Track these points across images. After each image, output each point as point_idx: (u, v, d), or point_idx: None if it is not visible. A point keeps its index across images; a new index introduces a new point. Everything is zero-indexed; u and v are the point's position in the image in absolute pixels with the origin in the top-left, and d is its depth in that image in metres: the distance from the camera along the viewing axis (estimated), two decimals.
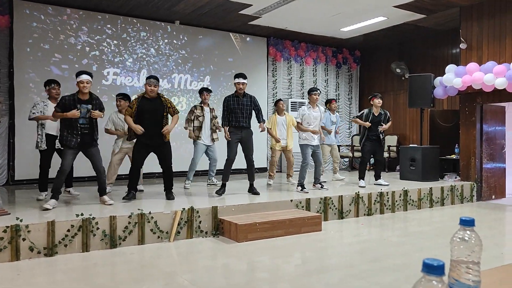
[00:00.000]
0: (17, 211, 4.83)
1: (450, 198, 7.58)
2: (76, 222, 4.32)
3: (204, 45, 9.49)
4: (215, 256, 4.45)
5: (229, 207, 5.27)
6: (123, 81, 8.57)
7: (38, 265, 3.95)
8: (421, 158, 8.11)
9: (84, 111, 5.11)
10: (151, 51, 8.87)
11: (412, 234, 5.55)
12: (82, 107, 5.09)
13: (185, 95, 9.23)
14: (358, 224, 5.95)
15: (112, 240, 4.47)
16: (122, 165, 6.47)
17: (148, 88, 5.61)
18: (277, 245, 4.70)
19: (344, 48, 11.44)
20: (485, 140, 8.07)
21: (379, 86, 11.40)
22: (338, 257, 4.46)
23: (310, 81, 10.96)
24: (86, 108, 5.12)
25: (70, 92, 6.88)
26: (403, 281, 3.54)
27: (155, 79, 5.67)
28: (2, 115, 7.20)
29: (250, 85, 9.83)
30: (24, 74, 7.57)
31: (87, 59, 8.20)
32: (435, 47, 10.02)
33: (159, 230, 4.75)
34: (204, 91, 7.18)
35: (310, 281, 3.62)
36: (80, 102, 5.11)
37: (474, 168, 8.03)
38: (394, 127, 10.93)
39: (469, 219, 0.95)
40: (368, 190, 6.76)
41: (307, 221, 5.30)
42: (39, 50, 7.75)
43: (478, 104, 7.98)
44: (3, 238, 3.97)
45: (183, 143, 8.82)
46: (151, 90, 5.60)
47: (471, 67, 7.42)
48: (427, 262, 0.69)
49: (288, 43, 10.53)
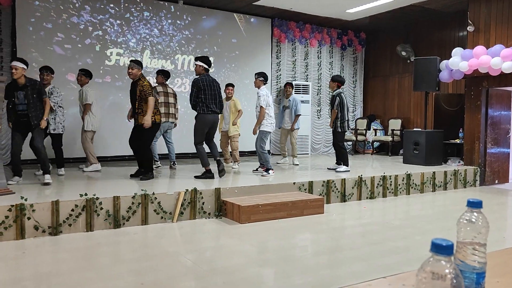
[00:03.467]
0: (22, 190, 4.86)
1: (453, 183, 7.58)
2: (80, 202, 4.35)
3: (207, 26, 9.39)
4: (217, 237, 4.49)
5: (232, 189, 5.29)
6: (126, 61, 8.51)
7: (43, 243, 3.99)
8: (425, 142, 8.08)
9: (21, 98, 5.27)
10: (154, 31, 8.78)
11: (414, 217, 5.57)
12: (19, 94, 5.27)
13: (189, 76, 9.17)
14: (360, 207, 5.97)
15: (115, 220, 4.50)
16: None
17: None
18: (279, 227, 4.73)
19: (350, 30, 11.30)
20: (490, 124, 8.02)
21: (384, 68, 11.30)
22: (340, 239, 4.49)
23: (315, 63, 10.86)
24: (22, 94, 5.27)
25: (75, 73, 6.89)
26: (405, 263, 3.56)
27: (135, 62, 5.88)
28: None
29: (253, 67, 9.79)
30: (27, 53, 7.52)
31: (90, 39, 8.13)
32: (441, 29, 9.88)
33: (163, 211, 4.78)
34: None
35: (311, 262, 3.65)
36: (17, 89, 5.26)
37: (478, 152, 8.00)
38: (398, 110, 10.88)
39: (477, 200, 0.94)
40: (371, 173, 6.76)
41: (309, 203, 5.32)
42: (41, 29, 7.68)
43: (484, 88, 7.90)
44: (8, 217, 4.01)
45: (185, 125, 8.82)
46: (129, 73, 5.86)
47: (478, 51, 7.32)
48: (436, 242, 0.68)
49: (292, 25, 10.40)
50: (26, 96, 5.26)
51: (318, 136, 10.94)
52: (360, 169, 7.52)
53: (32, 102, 5.28)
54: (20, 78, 5.20)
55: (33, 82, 5.35)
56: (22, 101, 5.25)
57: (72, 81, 7.78)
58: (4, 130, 7.38)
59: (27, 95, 5.26)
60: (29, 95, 5.26)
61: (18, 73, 5.17)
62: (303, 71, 10.71)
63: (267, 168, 6.53)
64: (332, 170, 7.12)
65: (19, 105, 5.28)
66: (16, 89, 5.25)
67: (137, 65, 5.81)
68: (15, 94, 5.25)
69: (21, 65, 5.20)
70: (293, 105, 8.03)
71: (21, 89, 5.25)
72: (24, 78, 5.25)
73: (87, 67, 8.04)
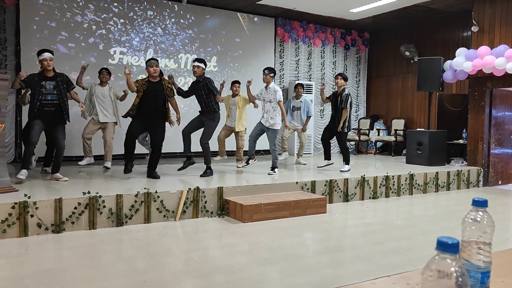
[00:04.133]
0: (25, 188, 4.88)
1: (456, 183, 7.56)
2: (83, 200, 4.36)
3: (211, 25, 9.39)
4: (220, 235, 4.49)
5: (235, 188, 5.29)
6: (130, 60, 8.53)
7: (46, 241, 4.00)
8: (428, 142, 8.06)
9: (50, 88, 5.35)
10: (158, 31, 8.79)
11: (417, 217, 5.56)
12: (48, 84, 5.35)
13: (191, 76, 9.15)
14: (363, 207, 5.96)
15: (118, 218, 4.51)
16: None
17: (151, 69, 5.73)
18: (281, 226, 4.73)
19: (353, 30, 11.27)
20: (493, 125, 7.99)
21: (388, 68, 11.27)
22: (342, 238, 4.49)
23: (318, 63, 10.85)
24: (51, 84, 5.35)
25: (77, 71, 6.95)
26: (407, 263, 3.55)
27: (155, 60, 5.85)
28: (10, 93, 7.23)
29: (256, 66, 9.78)
30: (30, 51, 7.54)
31: (93, 37, 8.15)
32: (445, 29, 9.85)
33: (165, 209, 4.78)
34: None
35: (314, 262, 3.64)
36: (46, 79, 5.35)
37: (482, 153, 7.97)
38: (402, 110, 10.85)
39: (482, 200, 0.93)
40: (373, 173, 6.74)
41: (312, 203, 5.31)
42: (45, 28, 7.70)
43: (488, 89, 7.87)
44: (12, 214, 4.02)
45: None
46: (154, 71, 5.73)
47: (482, 51, 7.29)
48: (442, 240, 0.68)
49: (296, 24, 10.39)
50: (57, 87, 5.37)
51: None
52: (363, 169, 7.51)
53: (64, 93, 5.44)
54: (51, 69, 5.37)
55: (61, 74, 5.54)
56: (50, 91, 5.34)
57: (75, 79, 7.78)
58: (8, 128, 7.41)
59: (57, 86, 5.38)
60: (59, 86, 5.40)
61: (52, 64, 5.36)
62: (306, 71, 10.69)
63: (274, 166, 6.56)
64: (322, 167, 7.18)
65: (47, 94, 5.34)
66: (45, 79, 5.34)
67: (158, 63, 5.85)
68: (43, 84, 5.31)
69: (53, 56, 5.41)
70: (305, 107, 8.07)
71: (51, 80, 5.37)
72: (53, 70, 5.42)
73: (90, 65, 8.05)
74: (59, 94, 5.39)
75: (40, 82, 5.30)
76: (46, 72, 5.36)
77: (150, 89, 5.71)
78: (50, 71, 5.38)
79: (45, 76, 5.36)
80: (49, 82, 5.35)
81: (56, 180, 5.45)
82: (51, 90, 5.36)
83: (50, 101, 5.36)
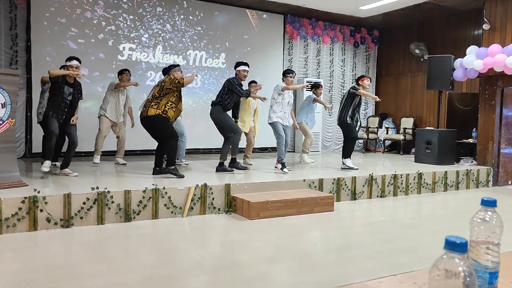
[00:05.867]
0: (34, 183, 4.93)
1: (465, 183, 7.49)
2: (92, 195, 4.39)
3: (220, 22, 9.39)
4: (227, 232, 4.50)
5: (242, 185, 5.30)
6: (139, 56, 8.56)
7: (55, 235, 4.04)
8: (437, 141, 8.00)
9: (68, 93, 5.57)
10: (167, 27, 8.81)
11: (425, 217, 5.53)
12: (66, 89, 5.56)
13: (200, 72, 9.19)
14: (370, 205, 5.94)
15: (126, 213, 4.54)
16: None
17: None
18: (289, 224, 4.73)
19: (363, 28, 11.20)
20: (504, 124, 7.90)
21: (397, 67, 11.19)
22: (349, 237, 4.47)
23: (327, 60, 10.80)
24: (69, 90, 5.57)
25: (88, 68, 6.98)
26: (415, 262, 3.53)
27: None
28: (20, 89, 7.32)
29: (265, 63, 9.78)
30: (41, 48, 7.61)
31: (103, 33, 8.19)
32: (456, 27, 9.75)
33: (173, 206, 4.80)
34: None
35: (320, 260, 3.64)
36: (66, 84, 5.54)
37: (492, 152, 7.89)
38: (411, 109, 10.78)
39: (491, 199, 0.92)
40: (382, 172, 6.70)
41: (319, 201, 5.30)
42: (56, 24, 7.76)
43: (498, 88, 7.78)
44: (21, 209, 4.07)
45: (197, 120, 8.85)
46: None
47: (494, 49, 7.21)
48: (450, 240, 0.68)
49: (305, 21, 10.35)
50: (73, 94, 5.61)
51: (329, 134, 10.89)
52: (371, 167, 7.48)
53: (77, 101, 5.71)
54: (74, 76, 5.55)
55: (79, 84, 5.77)
56: (66, 96, 5.56)
57: (85, 76, 7.84)
58: (18, 123, 7.48)
59: (74, 93, 5.62)
60: (75, 94, 5.65)
61: (77, 71, 5.54)
62: (315, 68, 10.65)
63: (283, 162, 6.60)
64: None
65: (64, 98, 5.54)
66: (66, 83, 5.54)
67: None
68: (64, 87, 5.51)
69: (79, 65, 5.63)
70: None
71: (70, 86, 5.58)
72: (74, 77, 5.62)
73: (100, 62, 8.12)
74: (72, 101, 5.63)
75: (62, 84, 5.50)
76: (69, 78, 5.54)
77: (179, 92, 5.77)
78: (72, 77, 5.55)
79: (67, 81, 5.55)
80: (67, 88, 5.56)
81: (65, 175, 5.50)
82: (67, 96, 5.56)
83: (65, 104, 5.57)
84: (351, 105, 6.88)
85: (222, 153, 6.33)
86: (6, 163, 4.66)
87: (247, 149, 7.47)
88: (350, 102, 6.90)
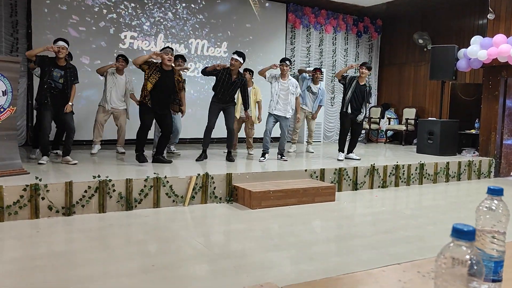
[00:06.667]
0: (36, 171, 4.93)
1: (467, 173, 7.48)
2: (93, 183, 4.39)
3: (222, 10, 9.31)
4: (228, 221, 4.51)
5: (244, 174, 5.29)
6: (140, 45, 8.51)
7: (56, 223, 4.05)
8: (440, 132, 7.97)
9: (57, 76, 5.43)
10: (168, 15, 8.74)
11: (426, 207, 5.52)
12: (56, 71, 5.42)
13: (202, 61, 9.13)
14: (372, 195, 5.94)
15: (128, 202, 4.54)
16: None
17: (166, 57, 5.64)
18: (290, 213, 4.73)
19: (366, 17, 11.10)
20: (507, 115, 7.86)
21: (400, 56, 11.11)
22: (351, 227, 4.48)
23: (329, 50, 10.72)
24: (60, 73, 5.43)
25: (89, 56, 6.93)
26: (416, 253, 3.54)
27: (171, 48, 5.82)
28: (21, 76, 7.28)
29: (267, 52, 9.70)
30: (42, 35, 7.56)
31: (104, 21, 8.13)
32: (460, 17, 9.65)
33: (174, 194, 4.81)
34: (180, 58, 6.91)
35: (321, 249, 3.65)
36: (56, 67, 5.41)
37: (494, 143, 7.86)
38: (413, 99, 10.72)
39: (498, 188, 0.91)
40: (383, 162, 6.69)
41: (321, 191, 5.30)
42: (56, 11, 7.69)
43: (502, 78, 7.73)
44: (23, 197, 4.07)
45: (198, 110, 8.81)
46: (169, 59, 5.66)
47: (498, 39, 7.14)
48: (457, 227, 0.66)
49: (308, 10, 10.25)
50: (64, 77, 5.46)
51: (331, 124, 10.85)
52: (373, 157, 7.46)
53: (70, 84, 5.52)
54: (63, 58, 5.44)
55: (72, 66, 5.63)
56: (57, 79, 5.42)
57: (86, 64, 7.82)
58: (19, 111, 7.47)
59: (65, 76, 5.46)
60: (68, 77, 5.49)
61: (64, 53, 5.41)
62: (318, 58, 10.58)
63: (282, 154, 6.67)
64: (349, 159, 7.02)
65: (53, 81, 5.43)
66: (55, 66, 5.41)
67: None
68: (52, 70, 5.38)
69: (67, 46, 5.48)
70: (320, 95, 7.97)
71: (60, 69, 5.45)
72: (65, 59, 5.49)
73: (101, 50, 8.07)
74: (65, 84, 5.48)
75: (50, 67, 5.37)
76: (58, 60, 5.43)
77: (162, 77, 5.65)
78: (61, 59, 5.44)
79: (56, 64, 5.42)
80: (57, 70, 5.43)
81: (66, 163, 5.50)
82: (57, 79, 5.43)
83: (56, 88, 5.43)
84: (345, 95, 6.92)
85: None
86: (7, 151, 4.66)
87: (246, 141, 7.48)
88: (344, 92, 6.96)
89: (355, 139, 7.16)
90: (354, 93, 6.79)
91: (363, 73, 6.77)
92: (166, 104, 5.80)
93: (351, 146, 7.12)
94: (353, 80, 6.82)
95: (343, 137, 7.01)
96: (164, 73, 5.66)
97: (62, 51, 5.37)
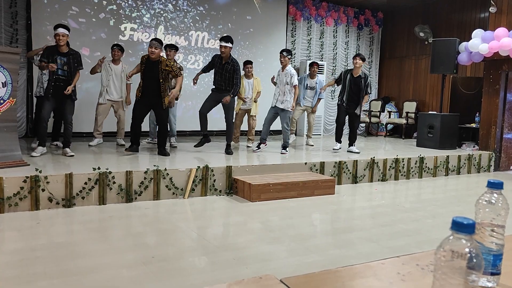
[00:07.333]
0: (36, 162, 4.93)
1: (467, 167, 7.49)
2: (93, 175, 4.40)
3: (222, 2, 9.26)
4: (228, 214, 4.52)
5: (243, 167, 5.30)
6: (140, 37, 8.47)
7: (57, 215, 4.06)
8: (440, 125, 7.96)
9: (61, 63, 5.43)
10: (168, 7, 8.69)
11: (426, 201, 5.54)
12: (59, 59, 5.41)
13: (202, 53, 9.10)
14: (371, 189, 5.95)
15: (128, 194, 4.55)
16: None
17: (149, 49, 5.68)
18: (289, 206, 4.74)
19: (367, 9, 11.04)
20: (508, 109, 7.86)
21: (401, 49, 11.07)
22: (350, 220, 4.49)
23: (330, 43, 10.68)
24: (63, 60, 5.43)
25: (89, 47, 6.89)
26: (414, 246, 3.55)
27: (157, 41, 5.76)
28: (21, 67, 7.26)
29: (268, 45, 9.67)
30: (41, 26, 7.52)
31: (104, 13, 8.08)
32: (462, 10, 9.60)
33: (174, 187, 4.82)
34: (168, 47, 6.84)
35: (320, 242, 3.66)
36: (59, 54, 5.42)
37: (494, 137, 7.86)
38: (414, 93, 10.70)
39: (497, 181, 0.91)
40: (383, 155, 6.69)
41: (320, 184, 5.31)
42: (56, 2, 7.65)
43: (503, 72, 7.71)
44: (24, 188, 4.08)
45: (198, 102, 8.80)
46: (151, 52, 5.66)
47: (500, 32, 7.11)
48: (457, 220, 0.66)
49: (309, 2, 10.20)
50: (67, 64, 5.47)
51: (331, 117, 10.83)
52: (373, 151, 7.47)
53: (74, 71, 5.53)
54: (64, 45, 5.44)
55: (75, 52, 5.63)
56: (61, 66, 5.43)
57: (86, 56, 7.78)
58: (19, 102, 7.45)
59: (69, 62, 5.47)
60: (71, 63, 5.49)
61: (64, 40, 5.41)
62: (318, 50, 10.54)
63: (286, 146, 6.62)
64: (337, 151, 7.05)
65: (58, 69, 5.42)
66: (57, 54, 5.42)
67: (160, 45, 5.78)
68: (55, 59, 5.39)
69: (67, 32, 5.46)
70: (318, 88, 7.95)
71: (63, 56, 5.46)
72: (67, 45, 5.49)
73: (101, 41, 8.04)
74: (69, 71, 5.48)
75: (54, 56, 5.39)
76: (59, 47, 5.43)
77: (147, 68, 5.77)
78: (63, 46, 5.45)
79: (58, 51, 5.44)
80: (61, 57, 5.44)
81: (64, 155, 5.50)
82: (61, 66, 5.43)
83: (60, 76, 5.44)
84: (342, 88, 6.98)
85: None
86: (7, 143, 4.66)
87: (248, 132, 7.48)
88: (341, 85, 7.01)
89: (353, 131, 7.16)
90: (349, 85, 6.84)
91: (357, 63, 6.79)
92: (152, 94, 5.79)
93: (351, 139, 7.13)
94: (347, 73, 6.91)
95: (338, 128, 7.15)
96: (149, 64, 5.74)
97: (62, 38, 5.37)
